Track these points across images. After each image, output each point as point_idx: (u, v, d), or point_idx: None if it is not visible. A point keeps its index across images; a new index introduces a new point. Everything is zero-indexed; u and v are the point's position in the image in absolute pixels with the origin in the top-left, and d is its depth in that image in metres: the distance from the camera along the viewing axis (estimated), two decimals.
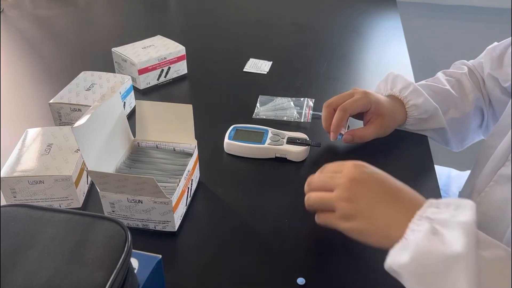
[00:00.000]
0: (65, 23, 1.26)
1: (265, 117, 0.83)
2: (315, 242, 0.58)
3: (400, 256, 0.44)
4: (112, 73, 0.84)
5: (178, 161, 0.64)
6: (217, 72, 1.00)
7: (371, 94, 0.71)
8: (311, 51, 1.09)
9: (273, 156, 0.72)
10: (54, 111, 0.76)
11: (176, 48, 0.93)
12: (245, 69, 1.00)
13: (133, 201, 0.55)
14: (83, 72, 0.84)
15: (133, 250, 0.41)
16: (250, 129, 0.74)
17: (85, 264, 0.37)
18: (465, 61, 0.83)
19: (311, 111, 0.83)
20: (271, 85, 0.94)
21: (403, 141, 0.76)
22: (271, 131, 0.74)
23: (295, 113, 0.83)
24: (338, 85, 0.94)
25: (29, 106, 0.87)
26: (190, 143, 0.65)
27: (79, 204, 0.62)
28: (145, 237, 0.57)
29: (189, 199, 0.63)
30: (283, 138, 0.72)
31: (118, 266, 0.37)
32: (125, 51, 0.91)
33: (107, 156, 0.59)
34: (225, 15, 1.33)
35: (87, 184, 0.66)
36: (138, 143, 0.66)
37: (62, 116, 0.76)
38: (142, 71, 0.89)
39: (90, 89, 0.79)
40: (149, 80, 0.91)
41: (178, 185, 0.57)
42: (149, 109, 0.64)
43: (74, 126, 0.51)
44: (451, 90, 0.77)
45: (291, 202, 0.64)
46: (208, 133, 0.76)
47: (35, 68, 1.03)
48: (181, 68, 0.96)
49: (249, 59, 1.03)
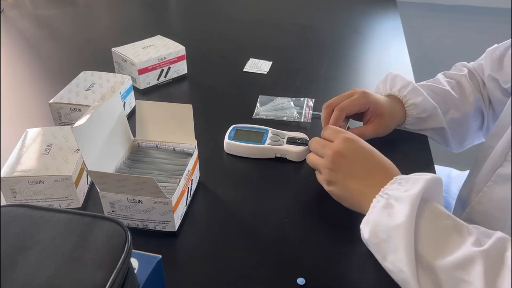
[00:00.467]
0: (65, 23, 1.26)
1: (265, 117, 0.83)
2: (315, 242, 0.58)
3: (363, 231, 0.52)
4: (112, 73, 0.84)
5: (178, 161, 0.64)
6: (217, 72, 1.00)
7: (370, 94, 0.71)
8: (311, 51, 1.09)
9: (273, 156, 0.72)
10: (54, 111, 0.76)
11: (176, 48, 0.93)
12: (245, 69, 1.00)
13: (133, 201, 0.55)
14: (83, 72, 0.84)
15: (133, 250, 0.41)
16: (250, 129, 0.74)
17: (85, 264, 0.36)
18: (466, 63, 0.83)
19: (311, 111, 0.83)
20: (271, 85, 0.94)
21: (403, 141, 0.76)
22: (271, 131, 0.74)
23: (295, 113, 0.83)
24: (338, 85, 0.94)
25: (29, 106, 0.87)
26: (190, 143, 0.65)
27: (79, 204, 0.62)
28: (145, 237, 0.57)
29: (189, 199, 0.63)
30: (283, 138, 0.72)
31: (118, 266, 0.37)
32: (125, 51, 0.91)
33: (107, 156, 0.59)
34: (225, 15, 1.33)
35: (87, 184, 0.65)
36: (138, 143, 0.66)
37: (62, 116, 0.77)
38: (142, 71, 0.89)
39: (90, 89, 0.79)
40: (149, 80, 0.91)
41: (178, 185, 0.57)
42: (149, 109, 0.64)
43: (74, 126, 0.51)
44: (451, 91, 0.77)
45: (291, 202, 0.64)
46: (208, 133, 0.76)
47: (35, 68, 1.03)
48: (181, 68, 0.96)
49: (249, 59, 1.03)
